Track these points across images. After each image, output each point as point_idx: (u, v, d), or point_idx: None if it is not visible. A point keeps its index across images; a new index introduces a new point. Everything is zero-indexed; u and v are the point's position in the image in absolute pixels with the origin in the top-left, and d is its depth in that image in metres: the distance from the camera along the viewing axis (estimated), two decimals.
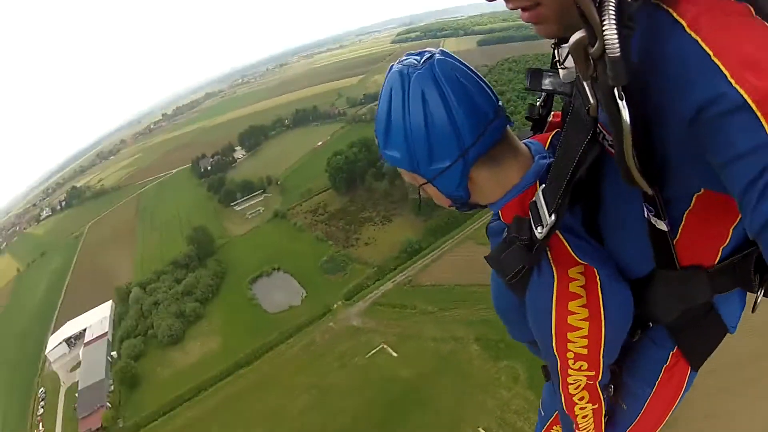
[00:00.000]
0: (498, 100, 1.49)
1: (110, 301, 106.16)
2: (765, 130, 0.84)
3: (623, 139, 1.04)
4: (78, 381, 79.74)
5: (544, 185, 1.45)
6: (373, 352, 59.94)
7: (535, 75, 1.56)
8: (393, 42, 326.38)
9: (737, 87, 0.87)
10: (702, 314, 1.50)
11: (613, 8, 0.95)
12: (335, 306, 74.61)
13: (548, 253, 1.45)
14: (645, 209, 1.28)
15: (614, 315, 1.43)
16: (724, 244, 1.35)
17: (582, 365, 1.48)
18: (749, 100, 0.86)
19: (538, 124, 1.92)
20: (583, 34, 1.01)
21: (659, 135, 1.08)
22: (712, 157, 0.96)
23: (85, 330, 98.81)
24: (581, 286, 1.42)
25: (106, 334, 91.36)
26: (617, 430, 1.87)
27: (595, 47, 0.98)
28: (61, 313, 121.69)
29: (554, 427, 2.04)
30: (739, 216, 1.22)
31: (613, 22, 0.94)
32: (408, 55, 1.46)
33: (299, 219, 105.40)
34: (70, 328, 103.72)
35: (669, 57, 0.97)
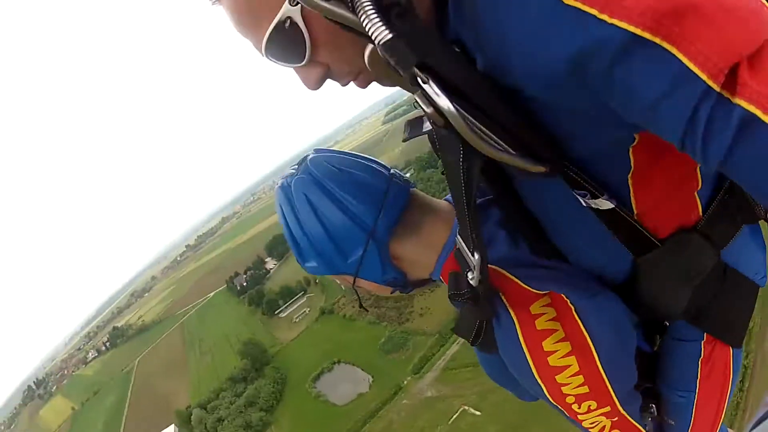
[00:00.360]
0: (389, 170, 1.45)
1: (172, 426, 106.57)
2: (676, 57, 0.70)
3: (459, 128, 0.88)
4: None
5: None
6: (454, 416, 59.91)
7: (413, 123, 1.24)
8: (384, 123, 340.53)
9: (615, 22, 0.71)
10: (717, 281, 1.22)
11: (368, 2, 0.83)
12: (405, 383, 74.90)
13: (502, 297, 1.26)
14: (579, 198, 1.08)
15: (604, 335, 1.21)
16: (698, 188, 1.11)
17: (590, 405, 1.24)
18: (638, 31, 0.70)
19: None
20: (371, 47, 0.90)
21: (530, 113, 0.93)
22: (625, 114, 0.81)
23: None
24: (552, 319, 1.22)
25: None
26: None
27: (378, 48, 0.85)
28: None
29: None
30: None
31: (371, 12, 0.82)
32: (290, 168, 1.45)
33: (347, 310, 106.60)
34: None
35: (509, 19, 0.81)
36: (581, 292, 1.23)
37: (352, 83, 1.07)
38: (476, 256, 1.15)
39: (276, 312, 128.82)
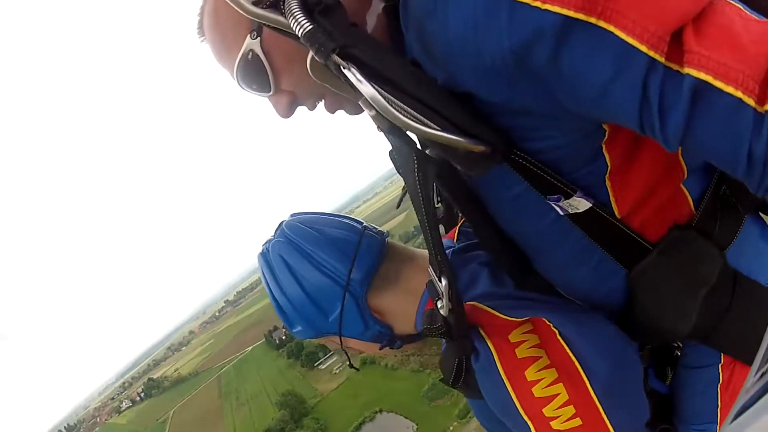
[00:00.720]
0: (361, 224, 1.47)
1: None
2: (613, 34, 0.67)
3: (383, 111, 0.85)
4: None
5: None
6: None
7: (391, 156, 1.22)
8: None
9: (548, 7, 0.69)
10: (727, 290, 1.07)
11: (295, 3, 0.86)
12: (451, 428, 74.20)
13: (480, 330, 1.19)
14: (554, 205, 0.99)
15: (597, 360, 1.09)
16: (684, 178, 1.00)
17: None
18: (571, 13, 0.68)
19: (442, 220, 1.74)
20: (310, 56, 0.90)
21: (487, 111, 0.89)
22: (576, 106, 0.78)
23: None
24: (534, 346, 1.12)
25: None
26: None
27: (298, 34, 0.87)
28: None
29: None
30: None
31: (296, 10, 0.86)
32: (270, 235, 1.48)
33: (389, 359, 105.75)
34: None
35: (438, 13, 0.81)
36: (565, 315, 1.15)
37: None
38: (443, 281, 1.09)
39: (316, 364, 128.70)
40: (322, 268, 1.36)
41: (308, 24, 0.85)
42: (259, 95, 1.09)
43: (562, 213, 0.99)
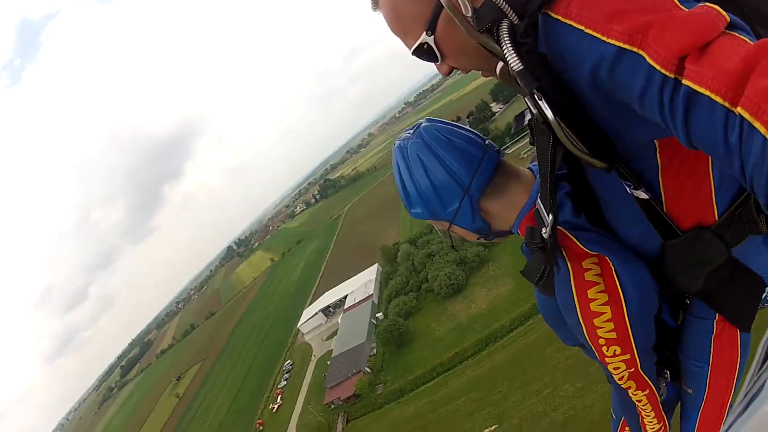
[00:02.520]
0: (484, 140, 1.72)
1: (375, 265, 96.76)
2: (644, 59, 0.93)
3: (556, 131, 1.20)
4: (332, 349, 76.81)
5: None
6: None
7: (519, 117, 1.63)
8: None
9: (609, 41, 0.98)
10: (729, 273, 1.46)
11: (507, 34, 1.14)
12: None
13: (563, 251, 1.56)
14: (625, 186, 1.37)
15: (632, 293, 1.51)
16: (713, 192, 1.36)
17: (615, 350, 1.54)
18: (621, 44, 0.96)
19: None
20: (502, 64, 1.22)
21: (593, 115, 1.20)
22: (636, 111, 1.05)
23: (345, 297, 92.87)
24: (597, 275, 1.51)
25: (370, 296, 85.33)
26: (690, 416, 1.87)
27: (509, 69, 1.17)
28: (319, 288, 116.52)
29: (626, 428, 2.04)
30: (710, 157, 1.28)
31: (509, 45, 1.14)
32: (405, 131, 1.76)
33: None
34: (327, 298, 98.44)
35: (562, 48, 1.10)
36: (621, 258, 1.51)
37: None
38: (550, 216, 1.43)
39: (502, 148, 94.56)
40: (450, 171, 1.63)
41: (519, 64, 1.14)
42: (425, 61, 1.43)
43: (629, 192, 1.37)
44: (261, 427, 79.40)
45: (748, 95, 0.81)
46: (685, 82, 0.89)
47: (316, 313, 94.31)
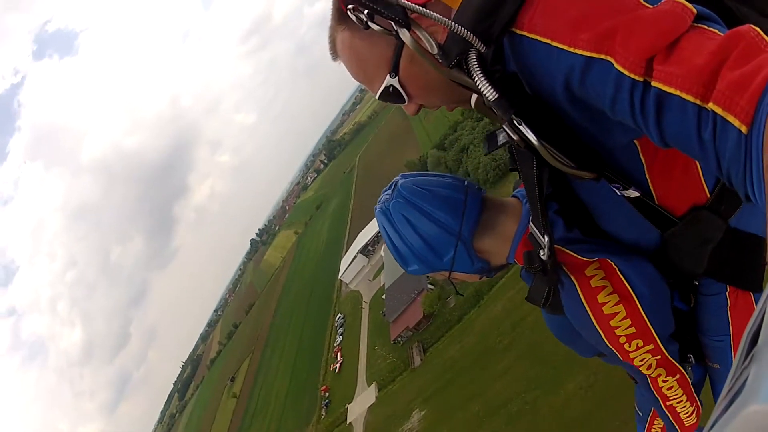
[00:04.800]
0: (463, 181, 1.75)
1: None
2: (613, 65, 0.92)
3: (541, 153, 1.17)
4: (383, 284, 70.87)
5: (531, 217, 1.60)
6: None
7: (491, 137, 1.62)
8: None
9: (576, 51, 0.97)
10: (728, 242, 1.46)
11: (477, 65, 1.12)
12: None
13: (564, 268, 1.58)
14: (615, 190, 1.37)
15: (642, 287, 1.52)
16: (700, 172, 1.36)
17: (638, 343, 1.55)
18: (588, 53, 0.96)
19: None
20: (476, 96, 1.22)
21: (573, 126, 1.19)
22: (612, 115, 1.04)
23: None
24: (602, 279, 1.53)
25: None
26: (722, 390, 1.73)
27: (484, 100, 1.16)
28: (350, 237, 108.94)
29: (655, 422, 2.03)
30: None
31: (480, 75, 1.11)
32: (382, 193, 1.76)
33: None
34: (362, 238, 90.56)
35: (531, 65, 1.10)
36: (622, 257, 1.53)
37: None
38: (546, 238, 1.45)
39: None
40: (438, 223, 1.65)
41: (494, 93, 1.11)
42: (393, 104, 1.43)
43: (619, 195, 1.36)
44: (327, 393, 72.28)
45: (720, 89, 0.80)
46: (654, 84, 0.88)
47: (355, 257, 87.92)
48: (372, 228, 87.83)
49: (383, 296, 65.91)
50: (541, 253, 1.50)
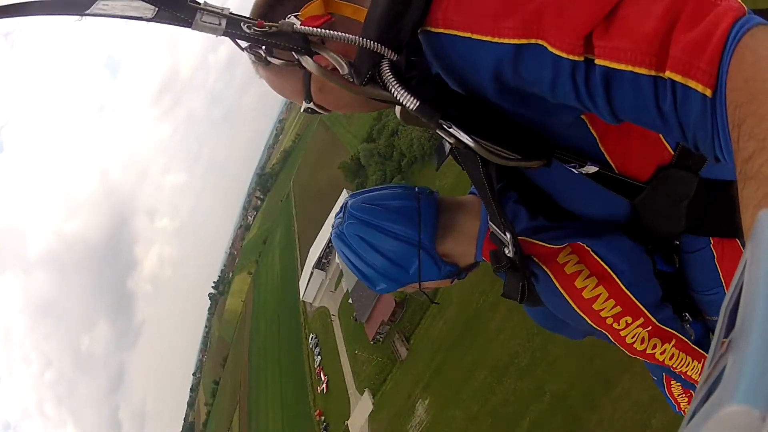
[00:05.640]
0: (414, 188, 1.72)
1: (343, 192, 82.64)
2: (546, 48, 0.87)
3: (480, 152, 1.12)
4: (347, 288, 69.29)
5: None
6: None
7: (439, 149, 1.62)
8: None
9: (502, 41, 0.91)
10: (703, 195, 1.40)
11: (390, 75, 1.06)
12: None
13: (535, 260, 1.53)
14: (570, 169, 1.32)
15: (620, 263, 1.48)
16: (660, 137, 1.31)
17: (627, 320, 1.49)
18: (516, 41, 0.90)
19: None
20: (399, 107, 1.14)
21: (510, 116, 1.14)
22: (553, 100, 0.99)
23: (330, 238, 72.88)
24: (576, 263, 1.48)
25: None
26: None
27: (408, 108, 1.10)
28: (302, 256, 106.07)
29: (672, 381, 1.94)
30: None
31: (396, 85, 1.05)
32: (335, 217, 1.73)
33: None
34: (313, 253, 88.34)
35: (454, 62, 1.04)
36: (592, 238, 1.47)
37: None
38: (507, 235, 1.40)
39: None
40: (395, 236, 1.62)
41: (414, 101, 1.05)
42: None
43: (577, 173, 1.30)
44: (322, 417, 68.81)
45: (675, 55, 0.74)
46: (598, 62, 0.83)
47: (312, 273, 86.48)
48: (321, 240, 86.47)
49: (349, 301, 64.07)
50: (507, 251, 1.45)
